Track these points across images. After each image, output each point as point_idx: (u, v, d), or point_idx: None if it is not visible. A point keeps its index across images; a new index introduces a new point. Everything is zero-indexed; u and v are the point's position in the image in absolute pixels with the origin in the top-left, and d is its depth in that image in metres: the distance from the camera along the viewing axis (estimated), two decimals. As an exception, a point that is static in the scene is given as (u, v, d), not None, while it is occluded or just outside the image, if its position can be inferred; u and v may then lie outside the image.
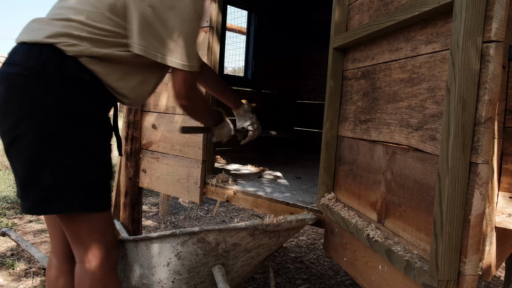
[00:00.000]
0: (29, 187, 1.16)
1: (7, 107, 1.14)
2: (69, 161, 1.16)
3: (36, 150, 1.13)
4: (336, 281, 2.58)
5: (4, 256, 2.64)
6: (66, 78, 1.15)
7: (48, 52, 1.14)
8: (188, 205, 4.21)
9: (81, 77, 1.17)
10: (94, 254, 1.25)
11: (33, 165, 1.14)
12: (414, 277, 0.98)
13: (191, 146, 2.22)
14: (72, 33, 1.16)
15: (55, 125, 1.14)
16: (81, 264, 1.27)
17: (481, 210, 0.88)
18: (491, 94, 0.86)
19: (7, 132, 1.16)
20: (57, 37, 1.15)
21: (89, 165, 1.19)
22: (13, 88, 1.14)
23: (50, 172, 1.14)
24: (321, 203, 1.63)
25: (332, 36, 1.59)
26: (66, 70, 1.15)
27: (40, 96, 1.13)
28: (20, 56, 1.15)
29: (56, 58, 1.14)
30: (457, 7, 0.87)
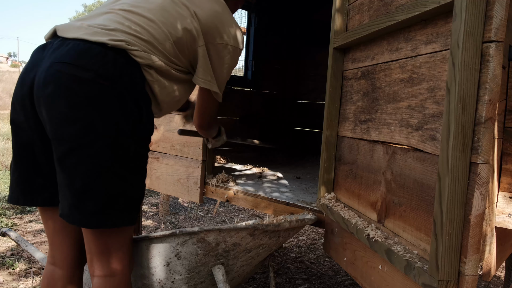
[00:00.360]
0: (87, 199, 1.10)
1: (73, 113, 1.07)
2: (128, 176, 1.16)
3: (101, 161, 1.09)
4: (336, 281, 2.58)
5: (4, 256, 2.64)
6: (136, 92, 1.15)
7: (122, 60, 1.13)
8: (188, 205, 4.21)
9: (146, 92, 1.20)
10: (119, 267, 1.22)
11: (96, 176, 1.09)
12: (414, 277, 0.98)
13: (191, 146, 2.22)
14: (152, 42, 1.19)
15: (123, 139, 1.11)
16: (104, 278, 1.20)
17: (481, 210, 0.88)
18: (491, 94, 0.86)
19: (68, 139, 1.08)
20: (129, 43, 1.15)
21: (141, 180, 1.22)
22: (83, 94, 1.07)
23: (110, 184, 1.12)
24: (321, 203, 1.63)
25: (332, 36, 1.59)
26: (138, 85, 1.16)
27: (113, 107, 1.09)
28: (92, 61, 1.09)
29: (130, 69, 1.14)
30: (457, 7, 0.87)
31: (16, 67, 35.96)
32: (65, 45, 1.12)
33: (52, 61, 1.09)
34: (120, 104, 1.10)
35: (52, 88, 1.08)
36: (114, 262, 1.21)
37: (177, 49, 1.27)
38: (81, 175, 1.09)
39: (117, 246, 1.21)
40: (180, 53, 1.29)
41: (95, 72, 1.08)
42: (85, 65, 1.08)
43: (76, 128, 1.07)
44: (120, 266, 1.22)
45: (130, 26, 1.19)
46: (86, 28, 1.16)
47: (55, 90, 1.07)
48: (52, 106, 1.08)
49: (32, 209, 3.77)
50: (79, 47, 1.11)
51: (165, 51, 1.24)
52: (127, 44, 1.14)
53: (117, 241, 1.21)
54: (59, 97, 1.07)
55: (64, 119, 1.07)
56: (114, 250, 1.20)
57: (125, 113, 1.12)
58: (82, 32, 1.14)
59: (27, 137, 1.19)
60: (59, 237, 1.31)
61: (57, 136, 1.09)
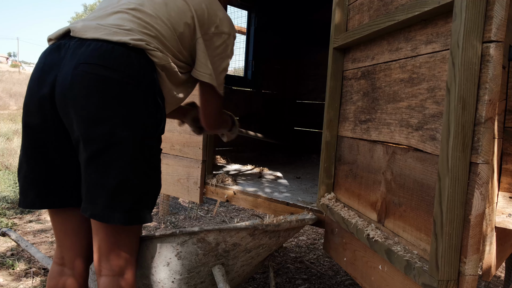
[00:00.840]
0: (120, 196, 1.12)
1: (103, 112, 1.08)
2: (152, 173, 1.20)
3: (133, 159, 1.12)
4: (336, 281, 2.58)
5: (4, 256, 2.64)
6: (155, 91, 1.18)
7: (143, 61, 1.15)
8: (188, 205, 4.21)
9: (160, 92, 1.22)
10: (127, 266, 1.23)
11: (129, 174, 1.12)
12: (414, 277, 0.98)
13: (191, 146, 2.22)
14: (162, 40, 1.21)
15: (149, 137, 1.16)
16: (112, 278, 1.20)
17: (481, 210, 0.88)
18: (491, 94, 0.86)
19: (97, 138, 1.09)
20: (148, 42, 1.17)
21: (159, 176, 1.25)
22: (111, 94, 1.09)
23: (141, 182, 1.15)
24: (321, 203, 1.63)
25: (332, 36, 1.59)
26: (157, 83, 1.19)
27: (140, 107, 1.12)
28: (118, 61, 1.10)
29: (149, 69, 1.16)
30: (457, 7, 0.87)
31: (16, 67, 35.96)
32: (86, 46, 1.12)
33: (77, 62, 1.10)
34: (144, 103, 1.14)
35: (80, 88, 1.08)
36: (122, 261, 1.22)
37: (180, 44, 1.29)
38: (115, 174, 1.11)
39: (127, 244, 1.23)
40: (183, 49, 1.30)
41: (122, 72, 1.10)
42: (111, 65, 1.09)
43: (107, 128, 1.08)
44: (128, 265, 1.24)
45: (143, 25, 1.20)
46: (104, 28, 1.16)
47: (83, 90, 1.08)
48: (82, 107, 1.09)
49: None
50: (102, 48, 1.11)
51: (173, 47, 1.26)
52: (146, 44, 1.16)
53: (128, 239, 1.23)
54: (88, 97, 1.08)
55: (95, 119, 1.08)
56: (123, 249, 1.22)
57: (149, 112, 1.16)
58: (102, 33, 1.14)
59: (42, 140, 1.18)
60: (71, 239, 1.30)
61: (87, 136, 1.09)
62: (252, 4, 3.58)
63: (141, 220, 1.19)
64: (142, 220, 1.19)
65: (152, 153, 1.19)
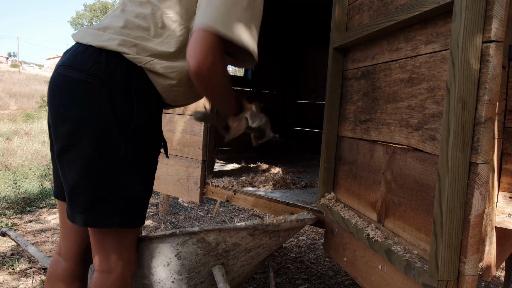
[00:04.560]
0: (76, 197, 1.14)
1: (66, 112, 1.11)
2: (118, 175, 1.14)
3: (88, 160, 1.11)
4: (336, 281, 2.58)
5: (4, 256, 2.64)
6: (131, 91, 1.13)
7: (116, 61, 1.12)
8: (188, 205, 4.21)
9: (144, 90, 1.16)
10: (117, 266, 1.23)
11: (83, 175, 1.12)
12: (414, 277, 0.98)
13: (191, 146, 2.22)
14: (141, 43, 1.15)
15: (112, 138, 1.11)
16: (101, 273, 1.23)
17: (481, 210, 0.88)
18: (491, 94, 0.86)
19: (62, 137, 1.12)
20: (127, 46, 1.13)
21: (136, 180, 1.17)
22: (74, 94, 1.11)
23: (99, 183, 1.13)
24: (321, 203, 1.63)
25: (332, 36, 1.59)
26: (133, 82, 1.14)
27: (103, 106, 1.10)
28: (85, 61, 1.12)
29: (125, 69, 1.13)
30: (457, 7, 0.87)
31: (16, 67, 35.96)
32: (72, 49, 1.18)
33: (57, 65, 1.17)
34: (110, 103, 1.11)
35: (52, 89, 1.16)
36: (110, 261, 1.22)
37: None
38: (72, 173, 1.13)
39: (114, 246, 1.21)
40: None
41: (87, 72, 1.11)
42: (78, 65, 1.12)
43: (68, 127, 1.11)
44: (117, 266, 1.23)
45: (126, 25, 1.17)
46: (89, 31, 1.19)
47: (53, 91, 1.15)
48: (52, 107, 1.16)
49: (32, 209, 3.77)
50: (78, 49, 1.16)
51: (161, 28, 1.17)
52: (118, 45, 1.13)
53: (115, 241, 1.21)
54: (56, 98, 1.14)
55: (59, 119, 1.13)
56: (111, 249, 1.21)
57: (116, 112, 1.11)
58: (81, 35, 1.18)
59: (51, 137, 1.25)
60: (65, 230, 1.37)
61: (55, 135, 1.15)
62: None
63: (101, 223, 1.15)
64: (102, 224, 1.15)
65: (119, 154, 1.13)
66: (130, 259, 1.27)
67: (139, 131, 1.16)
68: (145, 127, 1.17)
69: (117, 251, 1.22)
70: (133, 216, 1.19)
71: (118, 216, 1.16)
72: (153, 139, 1.22)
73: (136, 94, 1.14)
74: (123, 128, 1.12)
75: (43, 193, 4.20)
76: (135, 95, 1.14)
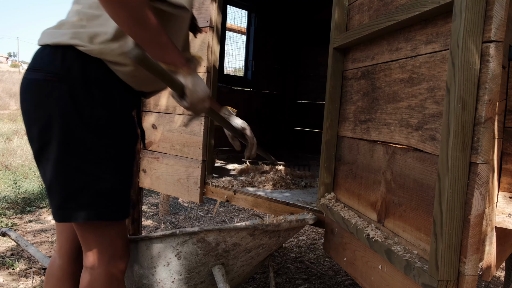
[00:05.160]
0: (52, 195, 1.15)
1: (33, 114, 1.13)
2: (88, 167, 1.13)
3: (58, 156, 1.11)
4: (336, 281, 2.58)
5: (4, 256, 2.64)
6: (90, 82, 1.12)
7: (72, 54, 1.11)
8: (188, 205, 4.21)
9: (105, 79, 1.14)
10: (100, 262, 1.22)
11: (55, 173, 1.13)
12: (414, 277, 0.98)
13: (191, 146, 2.22)
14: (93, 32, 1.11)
15: (76, 131, 1.11)
16: (86, 269, 1.25)
17: (481, 210, 0.88)
18: (491, 94, 0.86)
19: (35, 140, 1.14)
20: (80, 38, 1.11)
21: (109, 171, 1.16)
22: (37, 95, 1.12)
23: (69, 178, 1.13)
24: (321, 203, 1.63)
25: (332, 36, 1.59)
26: (91, 74, 1.12)
27: (64, 102, 1.10)
28: (43, 61, 1.13)
29: (81, 61, 1.11)
30: (457, 7, 0.87)
31: (16, 67, 35.94)
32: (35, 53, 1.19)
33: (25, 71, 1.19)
34: (71, 97, 1.10)
35: (20, 95, 1.18)
36: (94, 257, 1.22)
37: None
38: (47, 173, 1.15)
39: (96, 241, 1.21)
40: None
41: (45, 71, 1.11)
42: (38, 66, 1.13)
43: (38, 129, 1.13)
44: (100, 261, 1.22)
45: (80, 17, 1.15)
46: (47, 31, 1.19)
47: (21, 96, 1.17)
48: (22, 112, 1.18)
49: (32, 209, 3.77)
50: (37, 52, 1.17)
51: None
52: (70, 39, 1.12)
53: (96, 236, 1.20)
54: (23, 102, 1.17)
55: (29, 122, 1.15)
56: (93, 245, 1.21)
57: (77, 104, 1.10)
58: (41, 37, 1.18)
59: None
60: (58, 228, 1.41)
61: (29, 139, 1.17)
62: (252, 4, 3.58)
63: (77, 218, 1.14)
64: (78, 218, 1.14)
65: (86, 146, 1.12)
66: (115, 254, 1.24)
67: (105, 121, 1.14)
68: (110, 117, 1.15)
69: (100, 246, 1.21)
70: (109, 208, 1.17)
71: (94, 209, 1.15)
72: (123, 128, 1.19)
73: (96, 85, 1.13)
74: (86, 120, 1.11)
75: (43, 193, 4.20)
76: (96, 85, 1.12)
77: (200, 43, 2.17)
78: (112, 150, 1.16)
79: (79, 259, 1.38)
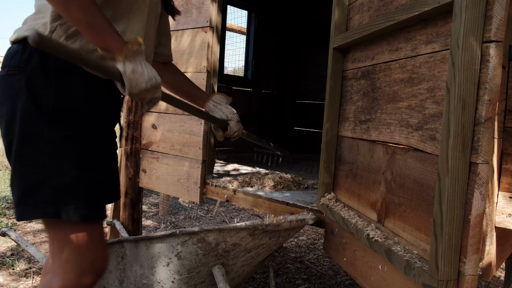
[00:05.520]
0: (12, 191, 1.08)
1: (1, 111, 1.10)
2: (46, 161, 1.05)
3: (16, 150, 1.06)
4: (336, 281, 2.58)
5: (4, 256, 2.64)
6: (49, 72, 1.06)
7: (31, 47, 1.05)
8: (188, 205, 4.21)
9: (65, 69, 1.07)
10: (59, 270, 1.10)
11: (14, 167, 1.07)
12: (414, 277, 0.98)
13: (191, 146, 2.22)
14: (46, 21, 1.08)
15: (34, 123, 1.05)
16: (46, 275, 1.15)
17: (481, 210, 0.88)
18: (491, 94, 0.86)
19: (3, 137, 1.10)
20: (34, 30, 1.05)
21: (69, 165, 1.06)
22: (2, 91, 1.10)
23: (27, 173, 1.06)
24: (321, 203, 1.63)
25: (332, 36, 1.59)
26: (50, 63, 1.06)
27: (23, 94, 1.05)
28: (7, 57, 1.11)
29: (40, 52, 1.05)
30: (457, 7, 0.87)
31: (16, 67, 35.84)
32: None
33: None
34: (28, 88, 1.06)
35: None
36: (54, 260, 1.12)
37: None
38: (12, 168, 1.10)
39: (59, 244, 1.10)
40: None
41: (8, 66, 1.10)
42: (3, 64, 1.12)
43: (4, 125, 1.10)
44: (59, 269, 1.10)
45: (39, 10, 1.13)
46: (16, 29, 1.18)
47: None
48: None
49: (32, 209, 3.77)
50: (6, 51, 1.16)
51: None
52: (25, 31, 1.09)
53: (59, 238, 1.10)
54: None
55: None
56: (57, 248, 1.10)
57: (36, 95, 1.05)
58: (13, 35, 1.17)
59: None
60: None
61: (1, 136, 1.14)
62: (252, 4, 3.58)
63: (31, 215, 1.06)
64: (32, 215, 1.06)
65: (44, 138, 1.05)
66: (79, 264, 1.10)
67: (64, 112, 1.07)
68: (72, 108, 1.08)
69: (62, 251, 1.09)
70: (69, 206, 1.06)
71: (52, 206, 1.05)
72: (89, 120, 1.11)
73: (56, 74, 1.07)
74: (45, 111, 1.05)
75: (43, 193, 4.20)
76: (55, 75, 1.07)
77: (200, 43, 2.17)
78: (75, 143, 1.08)
79: None
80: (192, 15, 2.22)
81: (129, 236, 1.72)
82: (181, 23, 2.28)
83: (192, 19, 2.22)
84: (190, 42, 2.23)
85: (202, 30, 2.15)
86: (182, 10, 2.26)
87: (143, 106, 1.16)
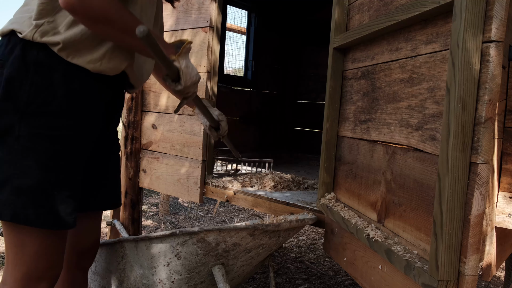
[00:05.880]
0: None
1: None
2: (13, 159, 0.99)
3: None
4: (336, 281, 2.58)
5: (4, 256, 2.64)
6: (29, 66, 1.02)
7: (15, 40, 1.04)
8: (188, 205, 4.21)
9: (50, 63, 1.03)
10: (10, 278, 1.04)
11: None
12: (414, 277, 0.98)
13: (191, 146, 2.22)
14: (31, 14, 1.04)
15: (8, 119, 1.00)
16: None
17: (481, 210, 0.88)
18: (491, 94, 0.86)
19: None
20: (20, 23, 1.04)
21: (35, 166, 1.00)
22: None
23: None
24: (321, 203, 1.63)
25: (332, 36, 1.59)
26: (31, 57, 1.02)
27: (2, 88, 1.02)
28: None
29: (23, 45, 1.02)
30: (457, 7, 0.87)
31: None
32: None
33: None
34: (7, 82, 1.01)
35: None
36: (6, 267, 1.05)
37: None
38: None
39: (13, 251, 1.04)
40: None
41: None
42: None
43: None
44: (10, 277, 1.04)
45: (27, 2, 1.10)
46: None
47: None
48: None
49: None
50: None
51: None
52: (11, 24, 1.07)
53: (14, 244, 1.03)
54: None
55: None
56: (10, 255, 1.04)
57: (14, 89, 1.01)
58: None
59: None
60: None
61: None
62: (252, 4, 3.58)
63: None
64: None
65: (14, 135, 1.00)
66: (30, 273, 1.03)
67: (38, 108, 1.02)
68: (46, 104, 1.02)
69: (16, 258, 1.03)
70: (28, 210, 0.99)
71: (10, 208, 0.98)
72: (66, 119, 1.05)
73: (34, 68, 1.02)
74: (19, 106, 1.01)
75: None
76: (33, 69, 1.02)
77: (200, 43, 2.17)
78: (46, 143, 1.01)
79: (79, 266, 1.32)
80: (192, 15, 2.22)
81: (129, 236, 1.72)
82: (181, 23, 2.28)
83: (192, 19, 2.22)
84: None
85: (202, 30, 2.15)
86: (182, 10, 2.26)
87: (181, 102, 1.21)
